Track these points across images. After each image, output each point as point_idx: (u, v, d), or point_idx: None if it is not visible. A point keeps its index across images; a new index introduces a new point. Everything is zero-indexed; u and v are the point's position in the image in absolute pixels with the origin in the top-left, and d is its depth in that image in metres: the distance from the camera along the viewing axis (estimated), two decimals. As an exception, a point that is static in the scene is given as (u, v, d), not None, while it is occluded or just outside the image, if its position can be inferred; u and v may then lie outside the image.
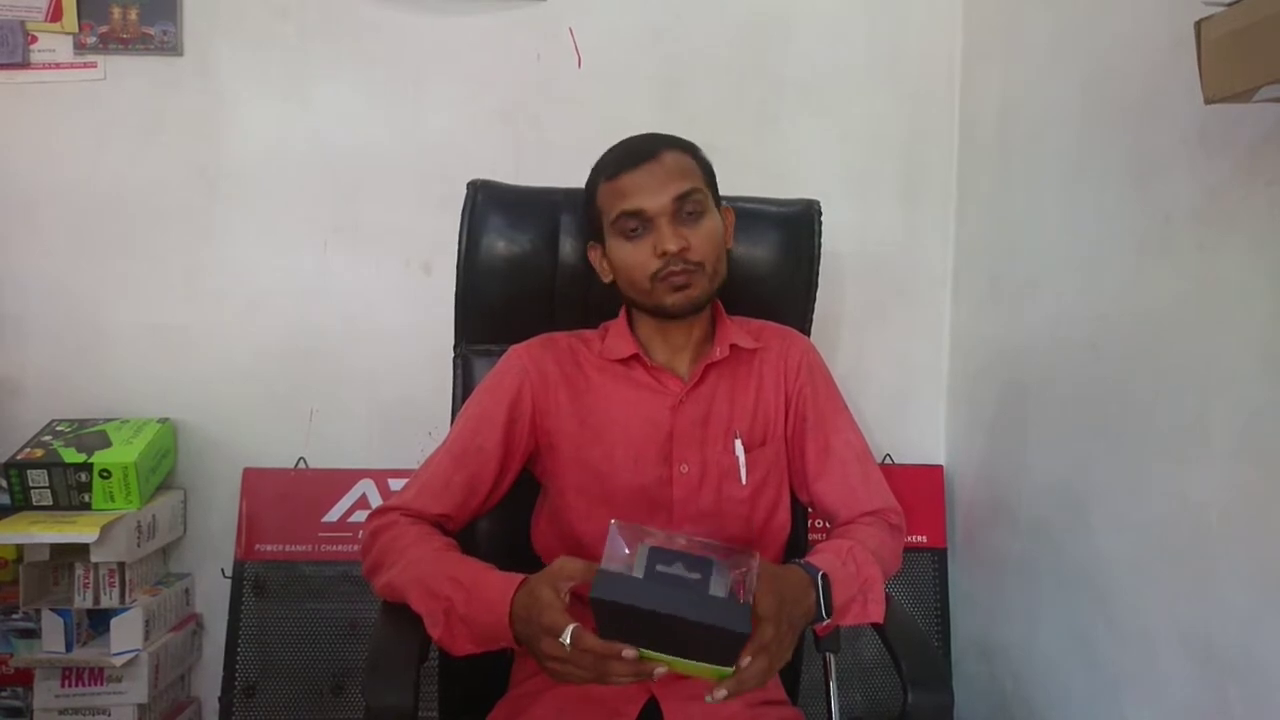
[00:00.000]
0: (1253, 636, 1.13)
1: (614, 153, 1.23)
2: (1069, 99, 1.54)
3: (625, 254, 1.20)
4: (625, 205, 1.18)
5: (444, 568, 1.07)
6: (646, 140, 1.22)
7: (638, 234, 1.18)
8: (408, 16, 1.88)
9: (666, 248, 1.15)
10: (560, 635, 0.92)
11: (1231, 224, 1.16)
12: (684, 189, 1.17)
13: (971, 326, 1.92)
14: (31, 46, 1.82)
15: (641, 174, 1.17)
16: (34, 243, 1.86)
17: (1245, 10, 0.91)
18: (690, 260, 1.17)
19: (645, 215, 1.17)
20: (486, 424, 1.22)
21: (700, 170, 1.22)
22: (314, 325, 1.91)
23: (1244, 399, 1.13)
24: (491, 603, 1.01)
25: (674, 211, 1.17)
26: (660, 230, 1.16)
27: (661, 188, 1.16)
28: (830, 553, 1.11)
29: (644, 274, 1.18)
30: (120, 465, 1.69)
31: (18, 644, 1.74)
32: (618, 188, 1.19)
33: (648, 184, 1.17)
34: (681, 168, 1.19)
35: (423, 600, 1.05)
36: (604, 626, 0.91)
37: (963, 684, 1.88)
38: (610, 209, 1.20)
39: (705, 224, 1.19)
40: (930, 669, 1.08)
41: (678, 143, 1.22)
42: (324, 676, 1.84)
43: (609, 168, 1.21)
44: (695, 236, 1.17)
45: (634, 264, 1.19)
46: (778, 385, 1.28)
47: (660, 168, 1.18)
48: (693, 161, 1.21)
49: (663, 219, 1.16)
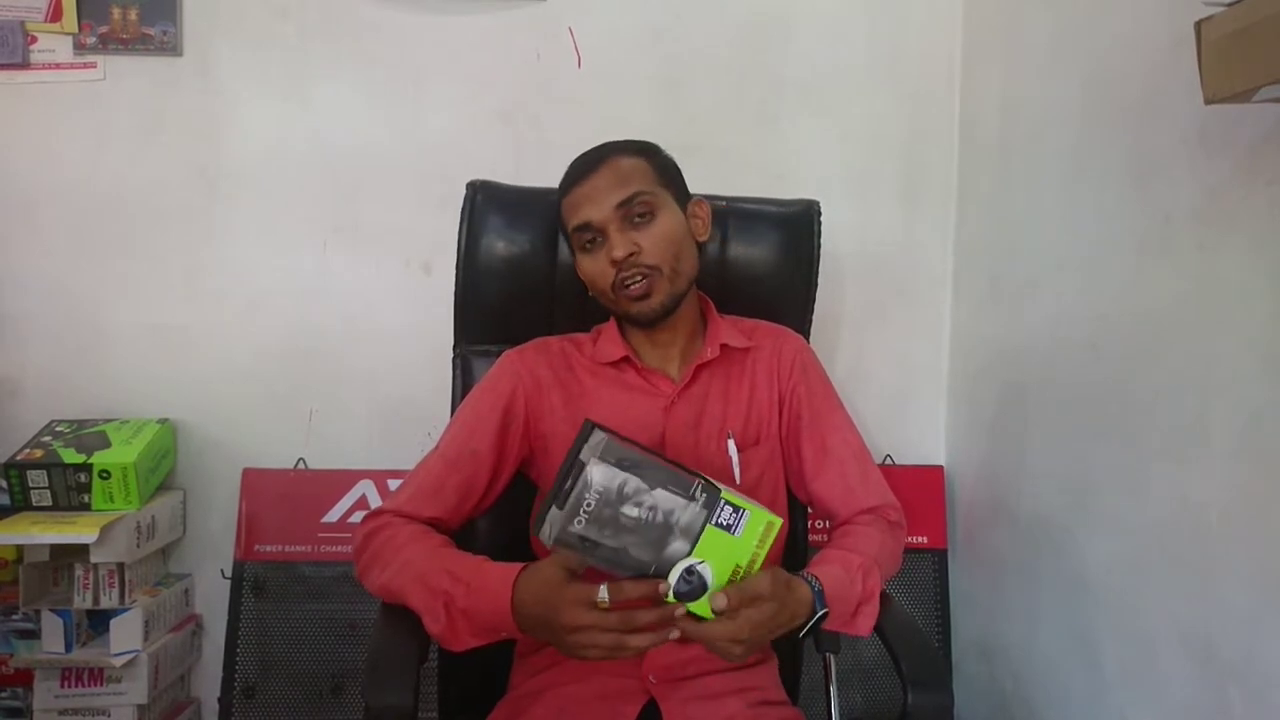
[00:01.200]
0: (1253, 637, 1.13)
1: (568, 167, 1.25)
2: (1069, 99, 1.54)
3: (586, 267, 1.22)
4: (576, 219, 1.20)
5: (441, 563, 1.08)
6: (593, 152, 1.23)
7: (594, 245, 1.20)
8: (408, 16, 1.88)
9: (614, 255, 1.16)
10: (594, 596, 0.94)
11: (1231, 224, 1.16)
12: (626, 194, 1.17)
13: (971, 326, 1.92)
14: (31, 46, 1.83)
15: (586, 186, 1.19)
16: (34, 243, 1.86)
17: (1245, 10, 0.91)
18: (644, 264, 1.17)
19: (594, 226, 1.18)
20: (480, 428, 1.22)
21: (653, 170, 1.22)
22: (314, 325, 1.91)
23: (1244, 399, 1.13)
24: (493, 592, 1.01)
25: (620, 218, 1.17)
26: (610, 239, 1.17)
27: (604, 197, 1.17)
28: (840, 566, 1.10)
29: (605, 284, 1.20)
30: (120, 466, 1.69)
31: (17, 644, 1.74)
32: (570, 202, 1.21)
33: (591, 195, 1.18)
34: (626, 172, 1.19)
35: (421, 597, 1.05)
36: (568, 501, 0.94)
37: (963, 684, 1.88)
38: (568, 225, 1.22)
39: (657, 225, 1.19)
40: (930, 669, 1.08)
41: (626, 147, 1.23)
42: (323, 677, 1.84)
43: (563, 183, 1.24)
44: (646, 239, 1.17)
45: (594, 275, 1.21)
46: (771, 384, 1.28)
47: (603, 177, 1.19)
48: (643, 163, 1.21)
49: (611, 227, 1.17)
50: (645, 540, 0.94)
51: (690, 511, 0.94)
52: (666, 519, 0.94)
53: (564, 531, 0.94)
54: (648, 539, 0.94)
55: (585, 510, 0.93)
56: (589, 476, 0.93)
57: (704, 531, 0.94)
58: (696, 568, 0.94)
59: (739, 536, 0.95)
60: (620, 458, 0.94)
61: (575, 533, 0.94)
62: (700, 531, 0.94)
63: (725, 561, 0.95)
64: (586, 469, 0.94)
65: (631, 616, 0.94)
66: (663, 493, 0.94)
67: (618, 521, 0.93)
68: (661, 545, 0.94)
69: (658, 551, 0.94)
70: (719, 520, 0.95)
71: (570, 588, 0.96)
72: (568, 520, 0.94)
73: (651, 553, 0.94)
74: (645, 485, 0.94)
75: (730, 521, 0.95)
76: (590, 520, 0.93)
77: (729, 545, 0.95)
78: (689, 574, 0.93)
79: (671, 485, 0.94)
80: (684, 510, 0.94)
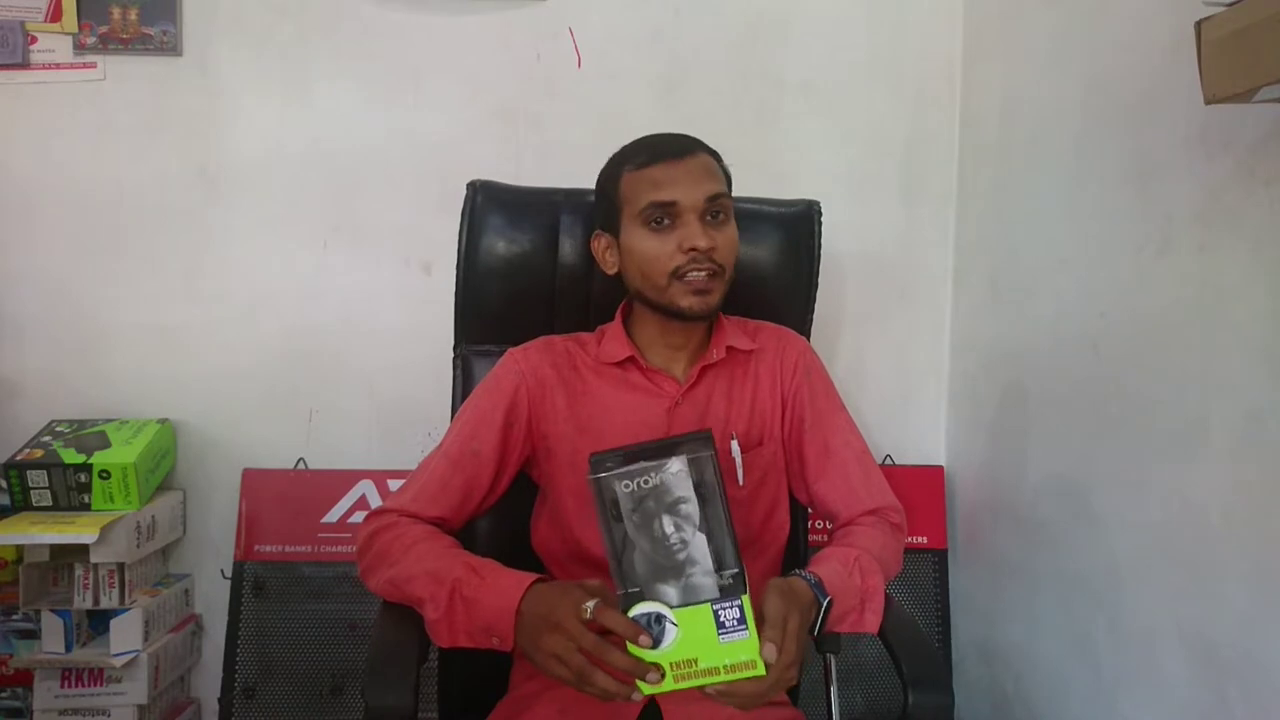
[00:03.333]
0: (1253, 636, 1.13)
1: (645, 143, 1.22)
2: (1069, 99, 1.54)
3: (648, 245, 1.18)
4: (657, 195, 1.16)
5: (459, 557, 1.09)
6: (680, 137, 1.22)
7: (663, 226, 1.17)
8: (407, 16, 1.88)
9: (697, 244, 1.15)
10: (582, 605, 0.93)
11: (1231, 224, 1.16)
12: (716, 190, 1.18)
13: (971, 326, 1.92)
14: (31, 47, 1.82)
15: (678, 168, 1.17)
16: (34, 243, 1.86)
17: (1245, 10, 0.91)
18: (716, 261, 1.17)
19: (677, 208, 1.16)
20: (483, 428, 1.22)
21: (725, 177, 1.23)
22: (314, 325, 1.91)
23: (1244, 399, 1.13)
24: (504, 588, 1.01)
25: (704, 210, 1.17)
26: (690, 225, 1.16)
27: (696, 184, 1.16)
28: (837, 561, 1.10)
29: (663, 268, 1.17)
30: (120, 466, 1.69)
31: (18, 644, 1.75)
32: (649, 177, 1.17)
33: (683, 179, 1.16)
34: (712, 171, 1.20)
35: (427, 585, 1.05)
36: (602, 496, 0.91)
37: (963, 685, 1.88)
38: (637, 198, 1.18)
39: (729, 229, 1.20)
40: (931, 670, 1.08)
41: (709, 148, 1.23)
42: (323, 677, 1.84)
43: (639, 156, 1.20)
44: (722, 238, 1.18)
45: (655, 256, 1.17)
46: (774, 386, 1.28)
47: (696, 164, 1.18)
48: (719, 167, 1.22)
49: (693, 215, 1.16)
50: (651, 559, 0.90)
51: (706, 579, 0.90)
52: (682, 563, 0.90)
53: (610, 478, 0.91)
54: (654, 561, 0.90)
55: (640, 485, 0.90)
56: (668, 466, 0.90)
57: (700, 606, 0.89)
58: (667, 623, 0.90)
59: (720, 642, 0.89)
60: (700, 482, 0.90)
61: (615, 490, 0.90)
62: (697, 603, 0.89)
63: (690, 646, 0.90)
64: (670, 461, 0.91)
65: (607, 653, 0.91)
66: (702, 541, 0.90)
67: (650, 521, 0.90)
68: (660, 577, 0.90)
69: (651, 578, 0.90)
70: (720, 612, 0.89)
71: (574, 593, 0.96)
72: (621, 477, 0.90)
73: (646, 573, 0.90)
74: (695, 522, 0.90)
75: (727, 623, 0.89)
76: (634, 497, 0.90)
77: (705, 638, 0.89)
78: (657, 621, 0.90)
79: (714, 543, 0.90)
80: (703, 573, 0.90)
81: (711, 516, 0.90)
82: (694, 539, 0.90)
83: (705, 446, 0.91)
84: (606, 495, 0.91)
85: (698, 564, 0.90)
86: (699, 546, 0.90)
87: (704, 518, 0.90)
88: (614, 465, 0.91)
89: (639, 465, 0.90)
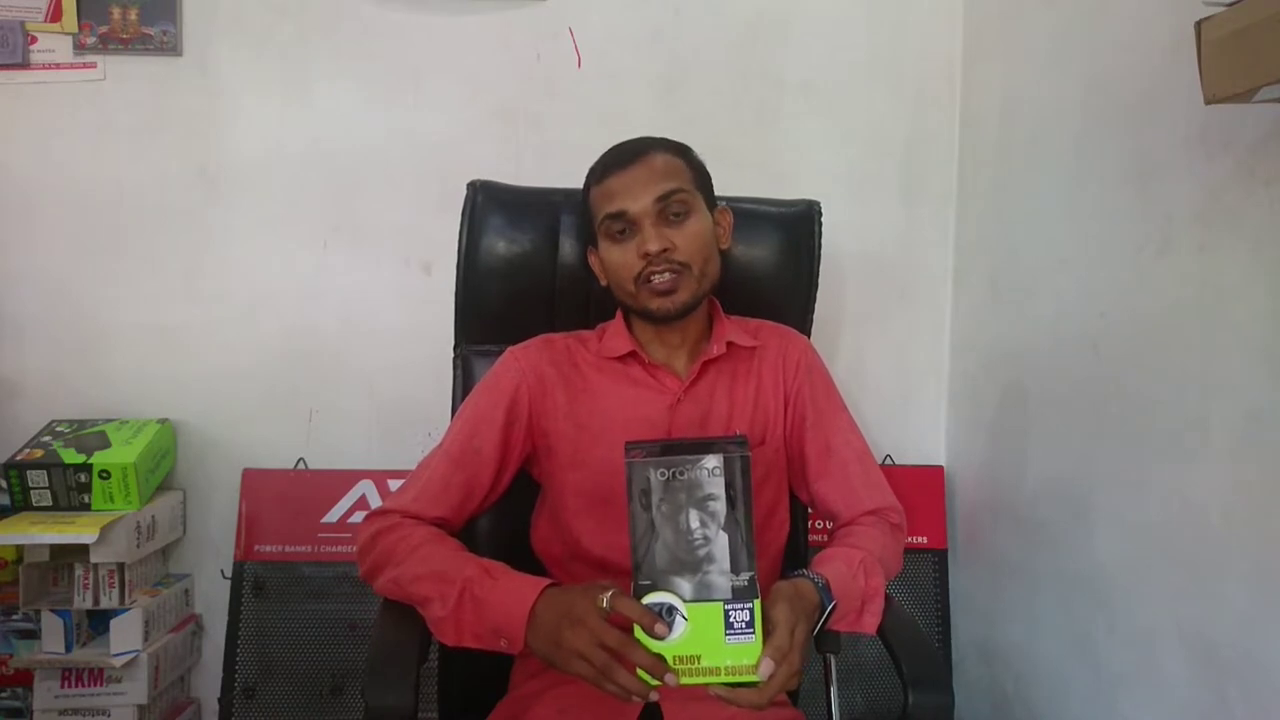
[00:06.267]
0: (1253, 636, 1.13)
1: (604, 156, 1.24)
2: (1069, 99, 1.54)
3: (613, 256, 1.21)
4: (610, 207, 1.18)
5: (470, 559, 1.09)
6: (634, 143, 1.22)
7: (624, 236, 1.19)
8: (407, 16, 1.88)
9: (648, 248, 1.16)
10: (599, 596, 0.93)
11: (1231, 224, 1.16)
12: (666, 189, 1.17)
13: (971, 326, 1.92)
14: (31, 47, 1.82)
15: (626, 176, 1.18)
16: (34, 243, 1.86)
17: (1245, 10, 0.91)
18: (675, 260, 1.17)
19: (628, 217, 1.17)
20: (484, 426, 1.22)
21: (690, 171, 1.22)
22: (314, 325, 1.91)
23: (1244, 399, 1.13)
24: (517, 591, 1.01)
25: (657, 213, 1.17)
26: (643, 231, 1.17)
27: (644, 189, 1.17)
28: (842, 562, 1.10)
29: (629, 275, 1.19)
30: (120, 466, 1.69)
31: (18, 644, 1.75)
32: (604, 190, 1.20)
33: (631, 186, 1.17)
34: (667, 169, 1.19)
35: (434, 584, 1.06)
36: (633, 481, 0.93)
37: (963, 685, 1.88)
38: (599, 212, 1.21)
39: (691, 224, 1.19)
40: (931, 670, 1.08)
41: (666, 144, 1.23)
42: (323, 677, 1.84)
43: (597, 171, 1.23)
44: (679, 237, 1.17)
45: (619, 265, 1.20)
46: (776, 384, 1.28)
47: (645, 169, 1.18)
48: (681, 162, 1.22)
49: (645, 220, 1.17)
50: (671, 551, 0.91)
51: (721, 579, 0.90)
52: (701, 559, 0.91)
53: (645, 464, 0.92)
54: (674, 551, 0.91)
55: (675, 475, 0.91)
56: (705, 462, 0.91)
57: (712, 604, 0.90)
58: (677, 615, 0.90)
59: (725, 643, 0.90)
60: (731, 483, 0.92)
61: (649, 477, 0.91)
62: (709, 600, 0.90)
63: (696, 642, 0.90)
64: (706, 458, 0.92)
65: (631, 650, 0.91)
66: (724, 541, 0.91)
67: (676, 513, 0.91)
68: (676, 570, 0.91)
69: (668, 569, 0.91)
70: (731, 612, 0.90)
71: (593, 590, 0.95)
72: (656, 465, 0.91)
73: (664, 564, 0.91)
74: (720, 521, 0.91)
75: (736, 624, 0.90)
76: (666, 485, 0.91)
77: (712, 636, 0.90)
78: (668, 613, 0.90)
79: (734, 545, 0.91)
80: (719, 572, 0.91)
81: (736, 518, 0.91)
82: (716, 537, 0.91)
83: (741, 449, 0.93)
84: (638, 481, 0.92)
85: (715, 562, 0.91)
86: (720, 545, 0.91)
87: (729, 518, 0.91)
88: (651, 453, 0.93)
89: (676, 456, 0.92)
